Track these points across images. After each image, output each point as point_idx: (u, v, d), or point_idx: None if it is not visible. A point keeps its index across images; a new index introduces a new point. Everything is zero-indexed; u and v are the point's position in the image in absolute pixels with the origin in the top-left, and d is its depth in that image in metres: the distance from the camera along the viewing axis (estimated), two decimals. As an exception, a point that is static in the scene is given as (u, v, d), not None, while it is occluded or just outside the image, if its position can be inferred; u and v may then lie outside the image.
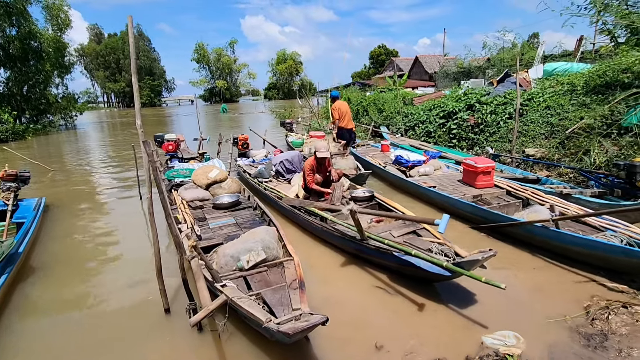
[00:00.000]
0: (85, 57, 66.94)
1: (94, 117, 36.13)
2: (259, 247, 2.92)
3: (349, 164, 6.31)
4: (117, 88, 66.96)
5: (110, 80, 67.31)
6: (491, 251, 2.58)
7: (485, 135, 8.21)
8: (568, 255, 3.29)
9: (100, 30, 72.20)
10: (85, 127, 24.32)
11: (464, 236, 4.07)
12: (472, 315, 2.61)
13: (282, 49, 70.91)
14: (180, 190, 5.11)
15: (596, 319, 2.41)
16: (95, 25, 72.20)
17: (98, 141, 16.42)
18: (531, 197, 4.33)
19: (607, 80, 6.82)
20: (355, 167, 6.30)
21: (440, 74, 23.63)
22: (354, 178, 5.47)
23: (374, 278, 3.23)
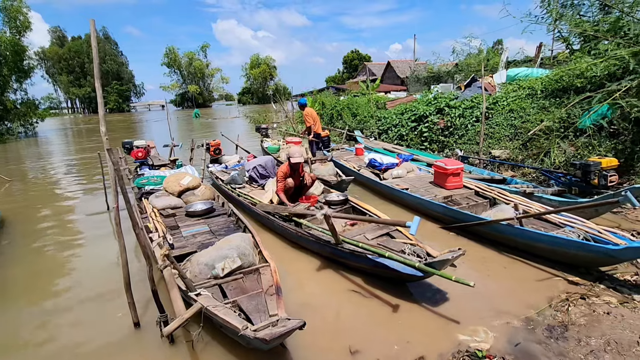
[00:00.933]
0: (46, 61, 63.78)
1: (57, 124, 34.39)
2: (234, 254, 2.89)
3: (328, 170, 6.28)
4: (82, 93, 64.09)
5: (74, 85, 64.34)
6: (460, 250, 2.68)
7: (455, 137, 8.52)
8: (532, 251, 3.46)
9: (63, 33, 68.97)
10: (47, 135, 23.12)
11: (435, 236, 4.20)
12: (445, 313, 2.70)
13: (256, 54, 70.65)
14: (151, 198, 4.97)
15: (558, 311, 2.55)
16: (58, 27, 68.85)
17: (61, 149, 15.66)
18: (497, 196, 4.53)
19: (564, 85, 7.26)
20: (335, 173, 6.26)
21: (411, 78, 24.32)
22: (335, 185, 5.40)
23: (349, 281, 3.26)
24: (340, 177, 5.97)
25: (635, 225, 3.96)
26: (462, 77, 15.21)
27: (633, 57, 4.30)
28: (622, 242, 2.87)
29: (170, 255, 2.35)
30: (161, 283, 3.12)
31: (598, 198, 3.76)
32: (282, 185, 4.53)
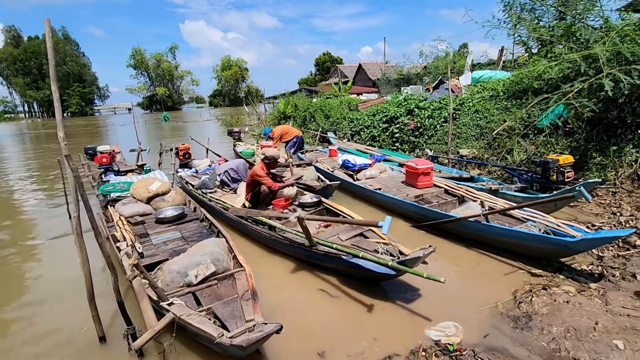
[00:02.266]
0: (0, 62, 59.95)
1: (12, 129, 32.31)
2: (208, 260, 2.83)
3: (310, 174, 6.10)
4: (40, 96, 60.67)
5: (31, 88, 60.80)
6: (431, 247, 2.76)
7: (425, 138, 8.76)
8: (498, 245, 3.62)
9: (19, 33, 65.04)
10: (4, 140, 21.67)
11: (407, 235, 4.30)
12: (417, 310, 2.77)
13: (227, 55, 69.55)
14: (118, 205, 4.78)
15: (522, 302, 2.68)
16: (12, 27, 64.83)
17: (16, 156, 14.73)
18: (465, 194, 4.70)
19: (523, 86, 7.65)
20: (317, 177, 6.06)
21: (382, 80, 24.76)
22: (320, 191, 5.14)
23: (324, 282, 3.28)
24: (323, 181, 5.78)
25: (590, 218, 4.23)
26: (430, 79, 15.69)
27: (584, 60, 4.61)
28: (578, 235, 3.06)
29: (139, 264, 2.28)
30: (129, 294, 3.01)
31: (556, 193, 3.99)
32: (271, 181, 4.52)
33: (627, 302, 2.57)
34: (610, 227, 3.77)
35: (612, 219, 4.07)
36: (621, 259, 3.20)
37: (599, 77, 4.40)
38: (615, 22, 5.15)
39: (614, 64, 4.42)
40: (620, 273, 2.94)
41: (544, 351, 2.20)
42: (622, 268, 3.03)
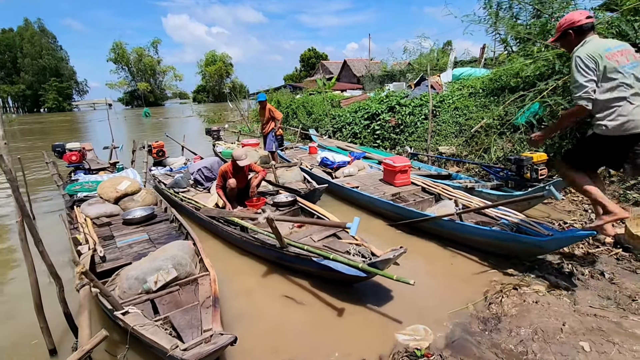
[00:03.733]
0: (-30, 55, 57.39)
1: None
2: (169, 264, 2.69)
3: (294, 175, 5.80)
4: (14, 91, 58.35)
5: (5, 82, 58.43)
6: (402, 249, 2.69)
7: (405, 135, 8.74)
8: (472, 244, 3.59)
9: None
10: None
11: (383, 234, 4.24)
12: (389, 313, 2.70)
13: (212, 50, 68.30)
14: (83, 206, 4.56)
15: (492, 303, 2.65)
16: (-17, 18, 62.03)
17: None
18: (442, 192, 4.67)
19: (501, 84, 7.69)
20: (302, 179, 5.80)
21: (366, 77, 24.75)
22: (307, 195, 4.75)
23: (295, 285, 3.18)
24: (309, 182, 5.52)
25: (563, 215, 4.26)
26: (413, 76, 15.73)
27: (558, 58, 4.63)
28: (550, 234, 3.04)
29: (88, 272, 2.12)
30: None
31: (527, 192, 3.99)
32: (219, 183, 4.38)
33: (594, 301, 2.56)
34: (582, 225, 3.79)
35: (584, 216, 4.11)
36: (591, 257, 3.21)
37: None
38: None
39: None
40: (589, 271, 2.94)
41: (511, 354, 2.16)
42: (592, 266, 3.03)
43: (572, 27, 2.63)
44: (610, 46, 2.52)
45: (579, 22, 2.58)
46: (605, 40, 2.61)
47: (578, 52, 2.55)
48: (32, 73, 57.41)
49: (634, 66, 2.51)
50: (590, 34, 2.61)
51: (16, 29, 59.74)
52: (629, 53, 2.54)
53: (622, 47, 2.54)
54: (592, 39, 2.59)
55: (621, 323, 2.27)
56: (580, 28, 2.59)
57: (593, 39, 2.59)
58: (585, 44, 2.58)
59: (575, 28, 2.61)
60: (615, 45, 2.54)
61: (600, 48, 2.50)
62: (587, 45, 2.56)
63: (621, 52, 2.52)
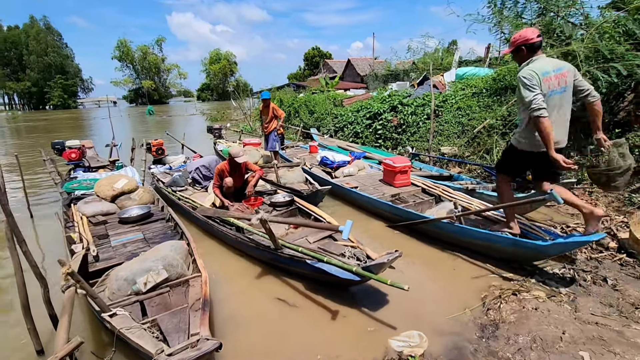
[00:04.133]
0: (-22, 52, 57.81)
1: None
2: (160, 265, 2.64)
3: (296, 176, 5.63)
4: (20, 88, 58.77)
5: (11, 79, 58.85)
6: (397, 252, 2.62)
7: (407, 135, 8.65)
8: (471, 248, 3.51)
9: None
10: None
11: (381, 235, 4.17)
12: (383, 318, 2.63)
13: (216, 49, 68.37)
14: (80, 204, 4.53)
15: (490, 309, 2.57)
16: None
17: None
18: (442, 194, 4.59)
19: (505, 84, 7.58)
20: (305, 180, 5.62)
21: (370, 76, 24.62)
22: (309, 197, 4.61)
23: (289, 288, 3.12)
24: (312, 183, 5.34)
25: (566, 218, 4.17)
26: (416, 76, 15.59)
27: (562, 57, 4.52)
28: (550, 238, 2.96)
29: (74, 273, 2.07)
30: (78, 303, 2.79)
31: (528, 195, 3.89)
32: (216, 183, 4.32)
33: (596, 309, 2.48)
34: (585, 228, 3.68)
35: (588, 220, 4.01)
36: (594, 262, 3.12)
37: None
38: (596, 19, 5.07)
39: (592, 61, 4.34)
40: (591, 277, 2.86)
41: (508, 363, 2.09)
42: (594, 272, 2.95)
43: (525, 44, 2.79)
44: (549, 70, 2.70)
45: (531, 40, 2.75)
46: (547, 62, 2.76)
47: (522, 72, 2.74)
48: (38, 70, 57.76)
49: (562, 91, 2.73)
50: (539, 52, 2.80)
51: (22, 27, 60.19)
52: (562, 77, 2.71)
53: (559, 71, 2.72)
54: (538, 59, 2.77)
55: (623, 332, 2.19)
56: (532, 45, 2.77)
57: (539, 59, 2.77)
58: (530, 62, 2.77)
59: (527, 45, 2.78)
60: (555, 69, 2.71)
61: (540, 70, 2.68)
62: (530, 64, 2.75)
63: (557, 76, 2.70)
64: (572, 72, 2.77)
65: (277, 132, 7.54)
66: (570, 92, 2.79)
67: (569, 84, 2.76)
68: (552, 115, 2.70)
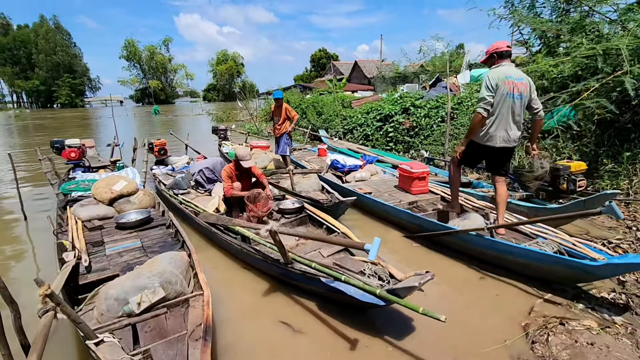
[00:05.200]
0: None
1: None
2: (156, 282, 2.31)
3: (311, 184, 5.11)
4: (28, 86, 59.18)
5: (20, 78, 59.29)
6: (429, 274, 2.28)
7: (420, 138, 8.30)
8: (502, 264, 3.15)
9: (8, 21, 63.19)
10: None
11: (398, 247, 3.83)
12: (409, 348, 2.29)
13: (223, 49, 68.37)
14: (75, 207, 4.23)
15: (536, 342, 2.21)
16: (2, 14, 62.94)
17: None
18: (464, 203, 4.23)
19: (527, 86, 7.21)
20: (321, 188, 5.11)
21: (378, 78, 24.29)
22: (330, 208, 4.14)
23: (300, 308, 2.78)
24: (330, 192, 4.78)
25: (604, 232, 3.79)
26: (427, 77, 15.24)
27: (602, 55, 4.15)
28: (600, 257, 2.60)
29: (54, 295, 1.75)
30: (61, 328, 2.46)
31: (570, 204, 3.53)
32: (229, 185, 3.99)
33: (663, 345, 2.12)
34: (630, 245, 3.32)
35: (629, 235, 3.63)
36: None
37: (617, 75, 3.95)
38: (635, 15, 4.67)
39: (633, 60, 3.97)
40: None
41: (568, 414, 1.73)
42: (650, 297, 2.58)
43: (496, 52, 3.20)
44: (511, 75, 3.06)
45: (501, 49, 3.17)
46: (511, 70, 3.12)
47: (489, 73, 3.14)
48: (46, 69, 58.15)
49: (519, 97, 3.07)
50: (507, 60, 3.19)
51: (32, 26, 60.66)
52: (522, 85, 3.08)
53: (520, 80, 3.08)
54: (505, 65, 3.14)
55: None
56: (501, 53, 3.18)
57: (505, 65, 3.14)
58: (497, 67, 3.16)
59: (497, 53, 3.19)
60: (517, 77, 3.07)
61: (503, 74, 3.05)
62: (497, 69, 3.14)
63: (516, 83, 3.05)
64: (530, 85, 3.15)
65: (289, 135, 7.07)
66: (526, 101, 3.14)
67: (526, 94, 3.11)
68: (504, 114, 3.10)
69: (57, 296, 1.79)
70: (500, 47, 3.18)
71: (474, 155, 3.45)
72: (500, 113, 3.08)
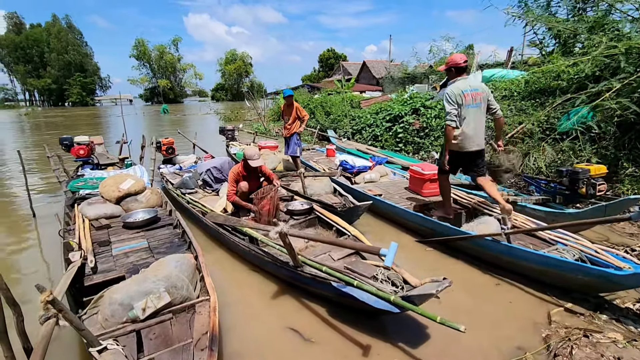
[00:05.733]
0: (1, 49, 59.30)
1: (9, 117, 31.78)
2: (162, 287, 2.24)
3: (323, 186, 4.90)
4: (40, 85, 60.11)
5: (32, 76, 60.25)
6: (446, 281, 2.17)
7: (431, 139, 8.15)
8: (519, 271, 3.03)
9: (21, 20, 64.35)
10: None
11: (410, 250, 3.72)
12: (424, 358, 2.18)
13: (232, 49, 68.62)
14: (82, 205, 4.20)
15: (559, 355, 2.09)
16: (14, 13, 64.13)
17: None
18: (477, 206, 4.10)
19: (541, 86, 7.03)
20: (333, 191, 4.90)
21: (386, 79, 24.10)
22: (345, 213, 3.92)
23: (310, 313, 2.70)
24: (342, 195, 4.60)
25: (624, 239, 3.64)
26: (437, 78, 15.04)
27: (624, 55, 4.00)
28: (626, 266, 2.47)
29: (56, 301, 1.68)
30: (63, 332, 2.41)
31: (591, 209, 3.39)
32: (233, 189, 3.92)
33: (697, 361, 1.98)
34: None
35: (652, 242, 3.48)
36: (673, 296, 2.61)
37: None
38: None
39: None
40: (678, 316, 2.36)
41: None
42: (679, 309, 2.44)
43: (454, 66, 3.48)
44: (467, 89, 3.36)
45: (459, 64, 3.45)
46: (467, 83, 3.40)
47: (448, 89, 3.43)
48: (58, 68, 58.96)
49: (477, 105, 3.39)
50: (464, 74, 3.49)
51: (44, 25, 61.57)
52: (477, 95, 3.39)
53: (475, 91, 3.39)
54: (461, 80, 3.44)
55: None
56: (458, 68, 3.47)
57: (462, 80, 3.44)
58: (455, 81, 3.45)
59: (455, 67, 3.47)
60: (472, 89, 3.37)
61: (461, 89, 3.35)
62: (455, 84, 3.42)
63: (473, 94, 3.36)
64: (486, 92, 3.48)
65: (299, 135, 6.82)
66: (485, 107, 3.46)
67: (483, 101, 3.43)
68: (471, 122, 3.40)
69: (59, 303, 1.72)
70: (458, 62, 3.45)
71: (455, 163, 3.70)
72: (468, 122, 3.39)
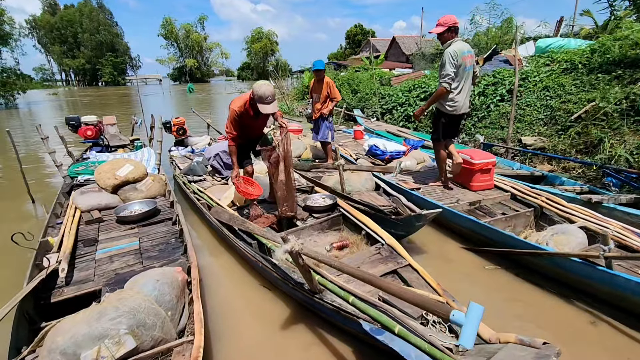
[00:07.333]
0: (38, 30, 61.09)
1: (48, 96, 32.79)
2: (123, 327, 1.61)
3: (364, 182, 3.94)
4: (75, 65, 61.78)
5: (67, 56, 61.96)
6: (551, 349, 1.36)
7: (474, 120, 7.13)
8: (620, 304, 2.20)
9: (55, 1, 65.63)
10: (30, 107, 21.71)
11: (459, 265, 2.93)
12: None
13: (259, 27, 67.33)
14: (75, 194, 3.68)
15: None
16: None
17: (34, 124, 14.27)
18: (547, 205, 3.22)
19: (614, 57, 5.82)
20: (375, 187, 3.97)
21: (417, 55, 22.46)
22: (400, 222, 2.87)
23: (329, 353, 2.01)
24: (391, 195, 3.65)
25: None
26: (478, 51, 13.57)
27: None
28: None
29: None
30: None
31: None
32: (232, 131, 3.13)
33: None
34: None
35: None
36: None
37: None
38: None
39: None
40: None
41: None
42: None
43: (453, 26, 3.39)
44: (465, 50, 3.39)
45: (457, 24, 3.40)
46: (463, 45, 3.40)
47: (449, 49, 3.36)
48: (91, 48, 60.19)
49: (470, 68, 3.47)
50: (456, 35, 3.43)
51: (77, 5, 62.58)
52: (471, 57, 3.47)
53: (470, 53, 3.44)
54: (458, 41, 3.40)
55: None
56: (457, 28, 3.42)
57: (458, 41, 3.40)
58: (453, 43, 3.39)
59: (453, 27, 3.39)
60: (467, 50, 3.40)
61: (460, 50, 3.35)
62: (454, 45, 3.37)
63: (468, 56, 3.42)
64: (474, 55, 3.50)
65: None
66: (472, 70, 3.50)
67: (473, 64, 3.50)
68: (465, 85, 3.48)
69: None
70: (456, 22, 3.38)
71: (448, 127, 3.67)
72: (463, 84, 3.44)
